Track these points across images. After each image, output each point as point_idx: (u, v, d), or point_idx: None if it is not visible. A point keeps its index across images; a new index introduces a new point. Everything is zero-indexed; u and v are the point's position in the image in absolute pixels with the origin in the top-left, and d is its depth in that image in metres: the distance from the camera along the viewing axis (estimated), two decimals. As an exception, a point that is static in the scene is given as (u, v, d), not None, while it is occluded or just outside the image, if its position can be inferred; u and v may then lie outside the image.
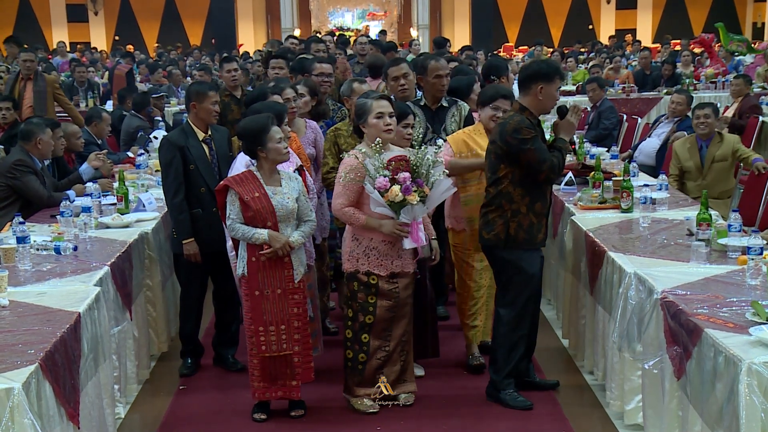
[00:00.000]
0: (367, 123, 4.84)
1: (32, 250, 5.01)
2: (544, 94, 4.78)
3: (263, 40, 26.57)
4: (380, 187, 4.65)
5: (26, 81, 10.28)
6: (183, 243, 5.37)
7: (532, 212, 4.82)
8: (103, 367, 4.41)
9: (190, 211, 5.37)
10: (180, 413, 5.07)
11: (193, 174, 5.36)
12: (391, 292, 4.86)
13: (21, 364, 3.40)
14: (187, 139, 5.39)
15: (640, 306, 4.35)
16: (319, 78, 6.77)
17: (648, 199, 5.58)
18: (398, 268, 4.87)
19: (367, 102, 4.87)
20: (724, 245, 4.68)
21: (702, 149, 7.38)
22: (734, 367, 3.29)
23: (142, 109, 10.12)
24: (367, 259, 4.84)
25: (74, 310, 4.06)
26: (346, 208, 4.79)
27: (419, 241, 4.80)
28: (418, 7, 27.00)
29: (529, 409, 4.88)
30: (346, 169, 4.78)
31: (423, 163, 4.77)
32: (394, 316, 4.89)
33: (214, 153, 5.45)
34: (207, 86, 5.59)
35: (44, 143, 6.64)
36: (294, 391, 4.85)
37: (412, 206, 4.70)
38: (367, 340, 4.89)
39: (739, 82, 11.10)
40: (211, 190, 5.31)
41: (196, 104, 5.43)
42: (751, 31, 27.56)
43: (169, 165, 5.37)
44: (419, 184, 4.71)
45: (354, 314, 4.90)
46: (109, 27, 28.23)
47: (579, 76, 15.84)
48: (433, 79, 5.95)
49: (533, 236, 4.85)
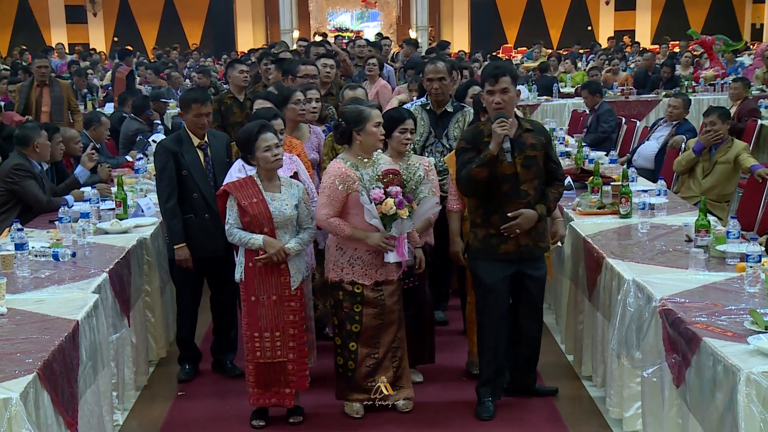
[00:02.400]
0: (364, 130, 4.79)
1: (30, 257, 5.01)
2: (486, 100, 4.78)
3: (262, 41, 26.60)
4: (375, 198, 4.62)
5: (42, 87, 10.28)
6: (174, 248, 5.36)
7: (489, 224, 4.77)
8: (102, 375, 4.40)
9: (183, 217, 5.36)
10: (178, 419, 5.06)
11: (186, 180, 5.35)
12: (376, 300, 4.84)
13: (19, 373, 3.39)
14: (181, 144, 5.38)
15: (639, 313, 4.34)
16: (304, 80, 6.77)
17: (647, 204, 5.59)
18: (382, 277, 4.84)
19: (364, 110, 4.82)
20: (723, 252, 4.68)
21: (711, 150, 7.42)
22: (733, 376, 3.28)
23: (142, 112, 10.09)
24: (351, 268, 4.82)
25: (73, 318, 4.05)
26: (332, 219, 4.73)
27: (403, 255, 4.78)
28: (417, 8, 26.99)
29: (485, 421, 4.87)
30: (340, 177, 4.71)
31: (413, 178, 4.76)
32: (382, 324, 4.87)
33: (210, 159, 5.43)
34: (192, 97, 5.45)
35: (42, 146, 6.64)
36: (287, 398, 4.84)
37: (402, 221, 4.68)
38: (355, 348, 4.87)
39: (738, 86, 11.09)
40: (204, 196, 5.32)
41: (183, 114, 5.46)
42: (749, 32, 27.59)
43: (162, 170, 5.37)
44: (409, 200, 4.69)
45: (340, 322, 4.89)
46: (108, 28, 28.23)
47: (578, 78, 15.83)
48: (426, 82, 5.95)
49: (492, 248, 4.78)
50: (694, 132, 8.62)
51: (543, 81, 14.75)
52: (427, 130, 5.92)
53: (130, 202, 6.32)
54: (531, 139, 4.74)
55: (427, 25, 26.75)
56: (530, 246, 4.79)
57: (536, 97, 13.86)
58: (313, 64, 7.22)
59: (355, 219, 4.74)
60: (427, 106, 6.00)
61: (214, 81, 15.04)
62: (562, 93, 14.34)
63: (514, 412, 4.97)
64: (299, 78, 6.83)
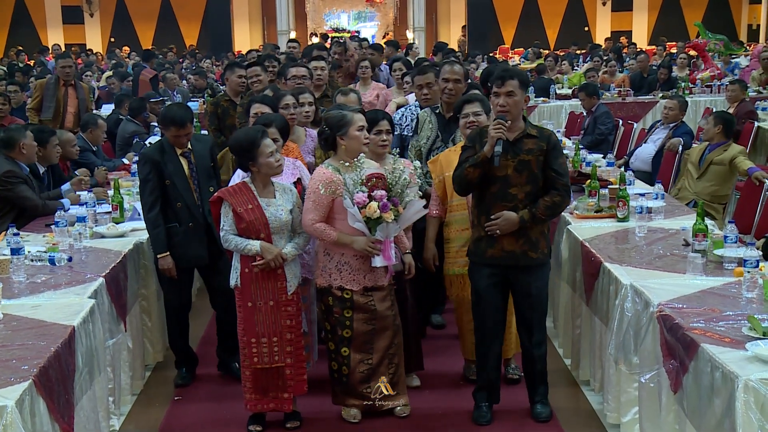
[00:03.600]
0: (347, 135, 4.77)
1: (27, 261, 5.00)
2: (491, 102, 4.79)
3: (259, 41, 26.57)
4: (359, 202, 4.61)
5: (67, 87, 10.17)
6: (158, 257, 5.34)
7: (480, 225, 4.76)
8: (98, 381, 4.39)
9: (167, 226, 5.33)
10: (175, 424, 5.05)
11: (169, 189, 5.32)
12: (367, 305, 4.82)
13: (14, 380, 3.38)
14: (163, 153, 5.34)
15: (637, 319, 4.34)
16: (292, 81, 6.76)
17: (644, 208, 5.58)
18: (371, 282, 4.82)
19: (347, 114, 4.81)
20: (721, 256, 4.67)
21: (705, 152, 7.45)
22: (731, 383, 3.28)
23: (139, 115, 10.09)
24: (339, 273, 4.80)
25: (69, 324, 4.04)
26: (318, 224, 4.72)
27: (390, 259, 4.77)
28: (414, 9, 26.99)
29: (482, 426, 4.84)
30: (324, 182, 4.70)
31: (399, 182, 4.74)
32: (375, 329, 4.84)
33: (194, 166, 5.39)
34: (171, 119, 5.29)
35: (28, 147, 6.57)
36: (286, 403, 4.83)
37: (387, 224, 4.66)
38: (347, 353, 4.85)
39: (735, 88, 11.09)
40: (187, 205, 5.31)
41: (162, 129, 5.47)
42: (746, 33, 27.62)
43: (145, 180, 5.35)
44: (395, 203, 4.68)
45: (332, 328, 4.86)
46: (105, 28, 28.20)
47: (575, 79, 15.81)
48: (441, 82, 5.94)
49: (480, 251, 4.76)
50: (692, 135, 8.64)
51: (540, 82, 14.74)
52: (435, 133, 5.89)
53: (127, 205, 6.31)
54: (530, 144, 4.68)
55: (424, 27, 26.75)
56: (517, 253, 4.70)
57: (533, 98, 13.85)
58: (304, 66, 7.21)
59: (341, 224, 4.73)
60: (436, 110, 5.99)
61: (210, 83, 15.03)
62: (559, 95, 14.32)
63: (512, 418, 4.95)
64: (289, 81, 6.83)
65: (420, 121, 5.98)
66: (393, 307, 4.92)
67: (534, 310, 4.81)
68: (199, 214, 5.33)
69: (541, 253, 4.76)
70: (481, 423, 4.86)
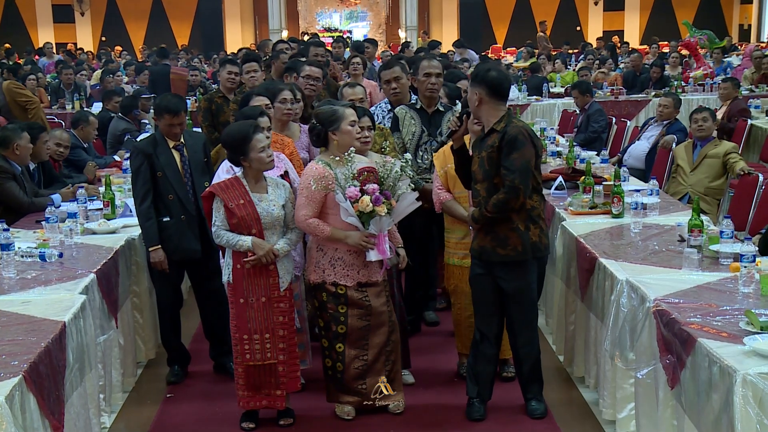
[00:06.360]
0: (339, 130, 4.74)
1: (17, 257, 4.94)
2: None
3: (251, 40, 26.51)
4: (351, 196, 4.58)
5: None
6: (149, 250, 5.30)
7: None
8: (89, 377, 4.34)
9: (159, 219, 5.29)
10: (167, 422, 5.00)
11: (161, 182, 5.28)
12: (361, 300, 4.79)
13: (4, 376, 3.35)
14: (156, 146, 5.31)
15: (633, 314, 4.31)
16: (305, 81, 6.72)
17: (639, 204, 5.56)
18: (365, 278, 4.79)
19: (338, 109, 4.78)
20: (716, 252, 4.65)
21: (697, 147, 7.48)
22: (729, 377, 3.26)
23: (129, 112, 10.04)
24: (333, 269, 4.77)
25: (59, 320, 3.99)
26: (311, 220, 4.69)
27: (384, 253, 4.74)
28: (406, 8, 26.96)
29: (476, 422, 4.82)
30: (316, 177, 4.66)
31: (391, 175, 4.71)
32: (369, 325, 4.81)
33: (186, 160, 5.36)
34: (165, 107, 5.30)
35: (22, 148, 6.53)
36: (278, 400, 4.79)
37: (380, 218, 4.64)
38: (342, 349, 4.82)
39: (728, 86, 11.11)
40: (179, 197, 5.28)
41: (156, 119, 5.44)
42: (737, 33, 27.68)
43: (137, 172, 5.31)
44: (387, 197, 4.65)
45: (326, 324, 4.83)
46: (96, 28, 28.06)
47: (568, 78, 15.82)
48: (423, 77, 5.91)
49: (471, 243, 4.87)
50: (685, 132, 8.64)
51: (533, 81, 14.76)
52: (419, 129, 5.88)
53: (118, 202, 6.27)
54: (491, 140, 4.62)
55: (416, 26, 26.72)
56: (487, 249, 4.67)
57: (526, 96, 13.86)
58: (319, 67, 7.16)
59: (334, 219, 4.70)
60: (416, 105, 5.96)
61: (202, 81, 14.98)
62: (552, 93, 14.33)
63: (506, 414, 4.93)
64: (302, 78, 6.79)
65: (399, 119, 5.94)
66: (388, 303, 4.88)
67: (514, 309, 4.76)
68: (192, 208, 5.30)
69: (512, 250, 4.63)
70: (475, 418, 4.84)
